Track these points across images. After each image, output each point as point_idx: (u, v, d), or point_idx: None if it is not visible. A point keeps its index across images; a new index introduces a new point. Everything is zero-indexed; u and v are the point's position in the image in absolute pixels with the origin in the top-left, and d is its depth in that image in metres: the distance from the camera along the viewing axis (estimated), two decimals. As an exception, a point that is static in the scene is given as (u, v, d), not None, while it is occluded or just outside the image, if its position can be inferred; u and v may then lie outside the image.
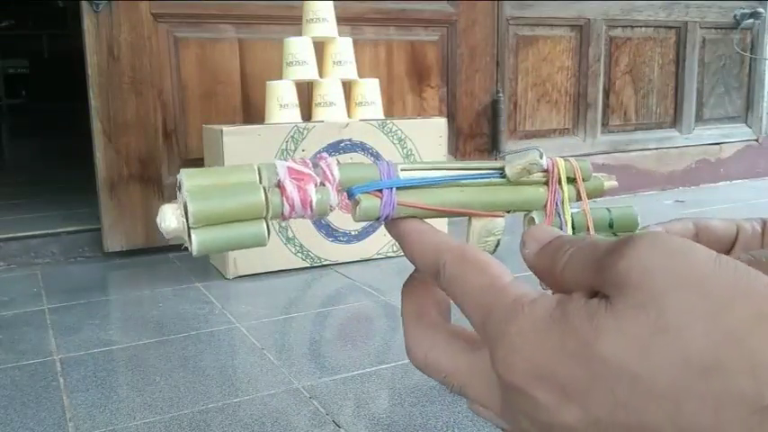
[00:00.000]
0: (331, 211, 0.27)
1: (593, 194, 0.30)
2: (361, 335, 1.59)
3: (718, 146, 3.53)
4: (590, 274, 0.22)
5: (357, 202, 0.27)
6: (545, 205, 0.29)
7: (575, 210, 0.30)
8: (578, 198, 0.29)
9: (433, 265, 0.26)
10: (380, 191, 0.27)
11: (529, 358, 0.21)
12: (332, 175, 0.27)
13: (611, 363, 0.19)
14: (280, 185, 0.26)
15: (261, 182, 0.26)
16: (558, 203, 0.29)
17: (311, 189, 0.26)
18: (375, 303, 1.80)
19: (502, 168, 0.29)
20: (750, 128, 3.65)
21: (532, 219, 0.30)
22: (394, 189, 0.27)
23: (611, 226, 0.30)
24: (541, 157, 0.28)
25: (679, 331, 0.18)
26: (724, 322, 0.18)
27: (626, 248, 0.20)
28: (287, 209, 0.26)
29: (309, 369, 1.40)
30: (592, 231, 0.29)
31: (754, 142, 3.65)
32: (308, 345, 1.55)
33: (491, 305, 0.23)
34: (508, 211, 0.29)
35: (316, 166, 0.27)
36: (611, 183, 0.30)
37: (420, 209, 0.27)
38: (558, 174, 0.29)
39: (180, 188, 0.26)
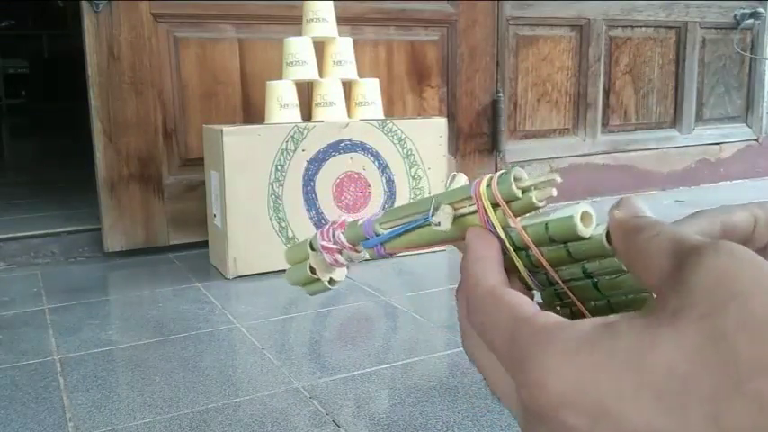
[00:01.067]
0: (359, 258, 0.39)
1: (524, 211, 0.29)
2: (361, 335, 1.59)
3: (718, 146, 3.53)
4: (667, 267, 0.21)
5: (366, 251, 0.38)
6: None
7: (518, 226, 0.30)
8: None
9: (464, 291, 0.28)
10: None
11: (561, 381, 0.20)
12: (342, 242, 0.39)
13: (661, 368, 0.19)
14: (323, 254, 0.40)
15: (310, 258, 0.41)
16: (490, 228, 0.30)
17: (337, 255, 0.39)
18: (375, 303, 1.80)
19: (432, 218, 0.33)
20: (750, 128, 3.65)
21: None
22: (378, 243, 0.36)
23: (552, 241, 0.29)
24: (437, 213, 0.32)
25: (735, 335, 0.18)
26: None
27: (705, 256, 0.20)
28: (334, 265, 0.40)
29: (309, 369, 1.40)
30: (535, 250, 0.29)
31: (754, 142, 3.65)
32: (308, 345, 1.55)
33: (516, 332, 0.23)
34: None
35: (334, 234, 0.39)
36: (543, 194, 0.28)
37: (400, 249, 0.35)
38: (484, 205, 0.30)
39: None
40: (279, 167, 2.03)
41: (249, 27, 2.37)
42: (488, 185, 0.29)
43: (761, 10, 3.48)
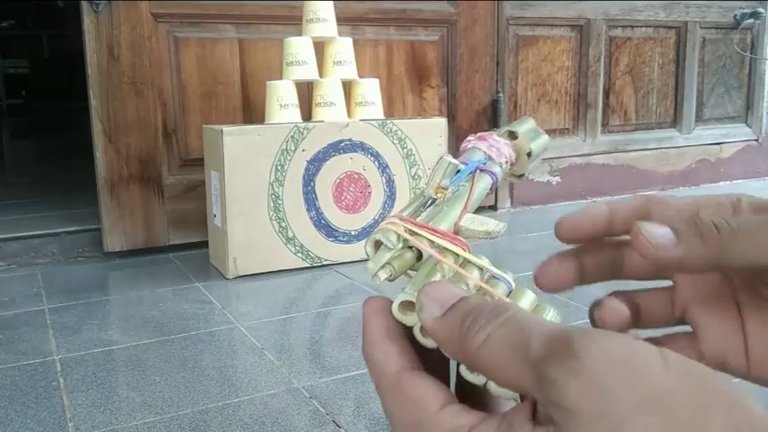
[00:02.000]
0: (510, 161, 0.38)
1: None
2: (361, 335, 1.58)
3: (718, 146, 3.53)
4: (521, 373, 0.21)
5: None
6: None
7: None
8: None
9: (373, 378, 0.26)
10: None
11: None
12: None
13: None
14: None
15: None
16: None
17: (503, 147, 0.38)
18: (375, 303, 1.80)
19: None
20: (750, 128, 3.65)
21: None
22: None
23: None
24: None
25: None
26: None
27: (568, 364, 0.19)
28: (497, 157, 0.37)
29: (309, 369, 1.40)
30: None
31: (754, 142, 3.66)
32: (308, 345, 1.55)
33: (421, 424, 0.23)
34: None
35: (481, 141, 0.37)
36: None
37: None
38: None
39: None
40: (279, 167, 2.03)
41: (249, 27, 2.37)
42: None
43: (761, 10, 3.48)
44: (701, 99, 3.46)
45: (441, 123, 2.29)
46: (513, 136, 0.38)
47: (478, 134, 0.36)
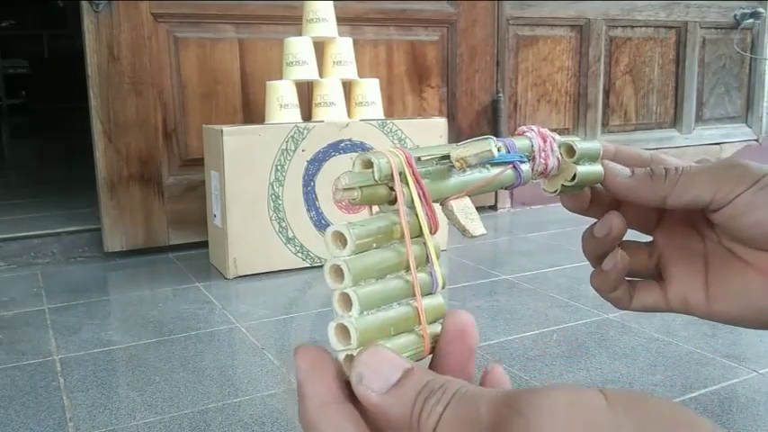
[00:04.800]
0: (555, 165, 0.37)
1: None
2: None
3: (718, 146, 3.53)
4: None
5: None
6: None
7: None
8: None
9: (299, 412, 0.25)
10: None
11: None
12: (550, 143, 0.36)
13: None
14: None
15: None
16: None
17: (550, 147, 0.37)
18: (375, 303, 1.80)
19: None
20: (750, 128, 3.65)
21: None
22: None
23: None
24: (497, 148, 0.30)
25: None
26: None
27: (517, 425, 0.20)
28: (540, 165, 0.37)
29: (309, 369, 1.39)
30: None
31: (754, 142, 3.66)
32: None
33: None
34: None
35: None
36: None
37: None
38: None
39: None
40: (279, 167, 2.03)
41: (249, 27, 2.37)
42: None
43: (761, 10, 3.48)
44: (701, 99, 3.46)
45: (441, 123, 2.29)
46: (570, 152, 0.37)
47: (542, 130, 0.36)
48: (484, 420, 0.20)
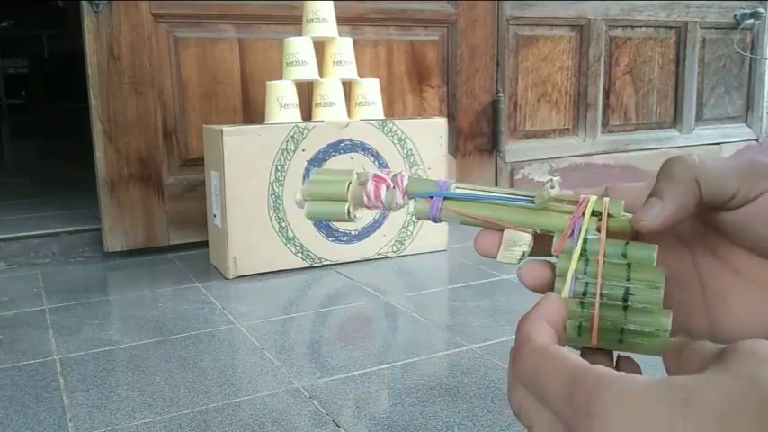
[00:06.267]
0: (397, 207, 0.37)
1: (616, 232, 0.34)
2: (361, 335, 1.59)
3: (718, 146, 3.53)
4: (560, 397, 0.25)
5: (414, 204, 0.37)
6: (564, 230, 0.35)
7: (592, 236, 0.34)
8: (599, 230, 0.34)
9: (515, 347, 0.30)
10: (431, 198, 0.36)
11: (625, 420, 0.23)
12: (401, 183, 0.37)
13: (709, 408, 0.21)
14: (366, 184, 0.38)
15: (352, 181, 0.38)
16: (576, 230, 0.34)
17: (383, 189, 0.37)
18: (375, 303, 1.80)
19: (533, 196, 0.35)
20: (750, 128, 3.65)
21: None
22: (441, 198, 0.36)
23: (624, 256, 0.33)
24: (552, 188, 0.34)
25: None
26: None
27: (596, 405, 0.23)
28: (365, 199, 0.37)
29: (309, 369, 1.40)
30: (601, 257, 0.33)
31: (754, 142, 3.65)
32: (308, 345, 1.55)
33: (579, 379, 0.25)
34: (536, 233, 0.35)
35: (394, 176, 0.38)
36: (639, 222, 0.33)
37: (458, 214, 0.35)
38: (585, 207, 0.34)
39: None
40: (279, 167, 2.03)
41: (249, 27, 2.37)
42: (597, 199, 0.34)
43: (761, 10, 3.48)
44: (700, 99, 3.46)
45: (441, 123, 2.29)
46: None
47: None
48: (574, 375, 0.25)
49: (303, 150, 2.05)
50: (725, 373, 0.22)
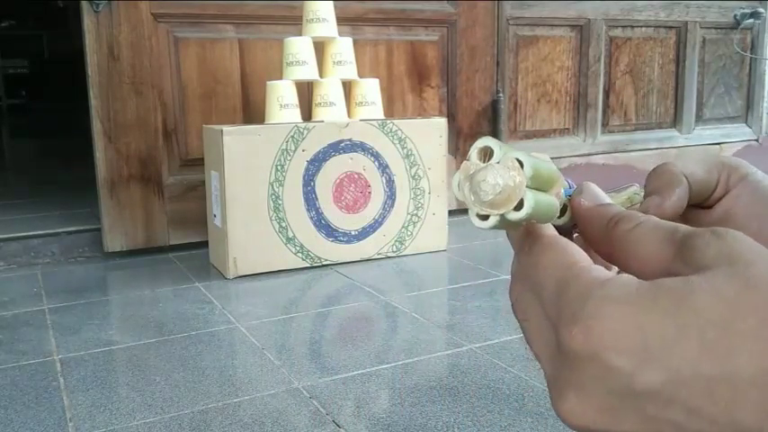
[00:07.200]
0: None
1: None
2: (361, 335, 1.59)
3: (718, 146, 3.53)
4: (668, 253, 0.24)
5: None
6: None
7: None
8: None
9: (521, 242, 0.28)
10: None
11: (610, 325, 0.22)
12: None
13: (704, 312, 0.21)
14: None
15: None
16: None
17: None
18: (375, 303, 1.80)
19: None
20: (750, 128, 3.65)
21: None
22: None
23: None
24: (640, 191, 0.34)
25: (765, 287, 0.20)
26: None
27: (713, 238, 0.23)
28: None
29: (309, 369, 1.40)
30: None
31: (754, 142, 3.65)
32: (308, 345, 1.55)
33: (570, 279, 0.24)
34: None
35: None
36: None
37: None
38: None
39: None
40: (279, 167, 2.03)
41: (249, 27, 2.37)
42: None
43: (761, 10, 3.48)
44: (700, 99, 3.46)
45: (441, 123, 2.29)
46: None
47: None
48: (681, 231, 0.24)
49: (303, 150, 2.05)
50: (710, 273, 0.21)
